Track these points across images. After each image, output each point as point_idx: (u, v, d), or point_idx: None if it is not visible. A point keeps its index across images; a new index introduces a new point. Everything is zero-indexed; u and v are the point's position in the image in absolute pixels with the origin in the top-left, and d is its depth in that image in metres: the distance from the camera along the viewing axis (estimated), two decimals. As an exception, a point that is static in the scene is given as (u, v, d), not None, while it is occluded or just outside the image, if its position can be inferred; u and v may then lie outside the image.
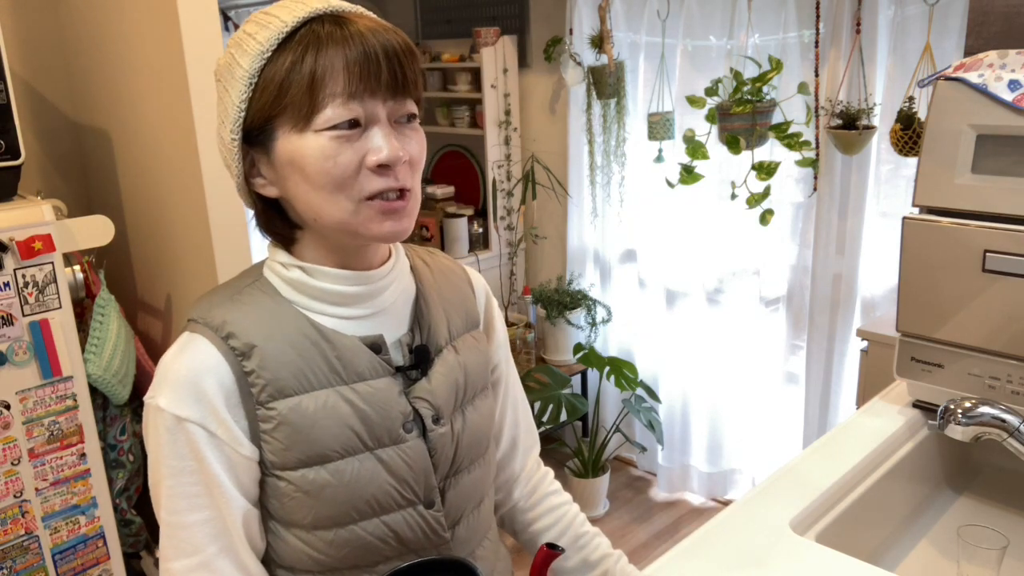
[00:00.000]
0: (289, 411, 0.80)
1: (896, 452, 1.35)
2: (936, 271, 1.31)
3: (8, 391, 1.71)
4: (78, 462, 1.83)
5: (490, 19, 3.23)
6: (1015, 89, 1.22)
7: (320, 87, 0.75)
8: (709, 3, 2.57)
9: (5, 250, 1.67)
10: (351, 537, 0.84)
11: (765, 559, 1.07)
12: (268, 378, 0.80)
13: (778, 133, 2.41)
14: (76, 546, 1.86)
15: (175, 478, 0.80)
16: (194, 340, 0.82)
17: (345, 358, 0.83)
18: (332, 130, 0.76)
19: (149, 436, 0.81)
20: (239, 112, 0.79)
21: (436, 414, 0.88)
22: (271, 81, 0.77)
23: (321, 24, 0.77)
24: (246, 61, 0.78)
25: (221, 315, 0.82)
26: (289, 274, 0.85)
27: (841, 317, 2.50)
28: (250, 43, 0.78)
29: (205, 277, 2.00)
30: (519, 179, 3.26)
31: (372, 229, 0.80)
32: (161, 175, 2.06)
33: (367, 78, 0.76)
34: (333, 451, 0.82)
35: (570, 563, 1.05)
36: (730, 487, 3.00)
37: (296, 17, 0.77)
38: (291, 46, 0.77)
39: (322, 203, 0.79)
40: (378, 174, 0.78)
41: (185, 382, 0.79)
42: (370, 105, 0.77)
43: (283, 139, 0.78)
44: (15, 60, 2.21)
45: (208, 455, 0.79)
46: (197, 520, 0.80)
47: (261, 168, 0.82)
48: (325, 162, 0.76)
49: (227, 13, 4.27)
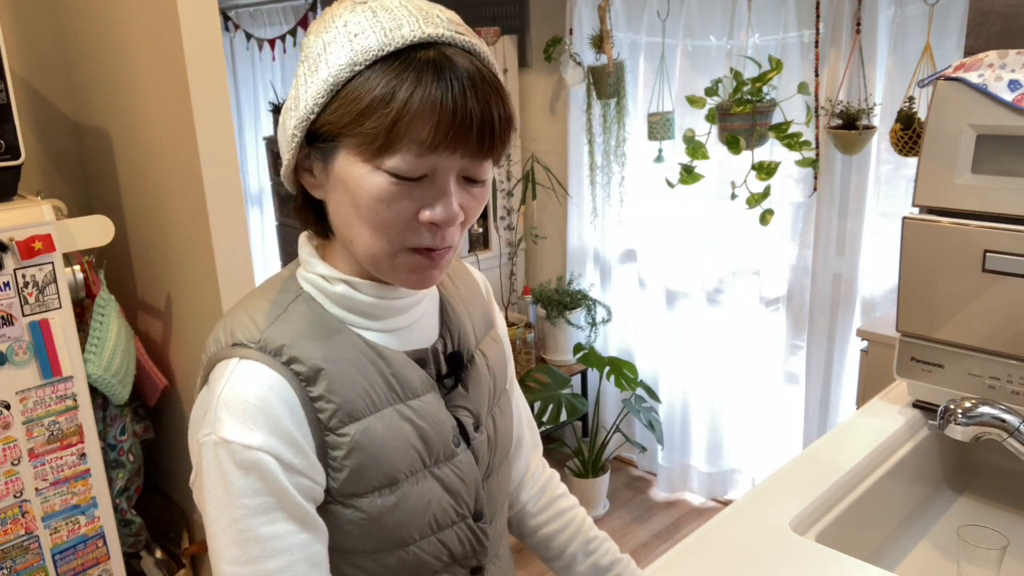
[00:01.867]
0: (361, 435, 0.76)
1: (896, 452, 1.35)
2: (936, 271, 1.31)
3: (8, 391, 1.71)
4: (78, 462, 1.83)
5: (490, 19, 3.23)
6: (1015, 89, 1.22)
7: (403, 133, 0.69)
8: (709, 3, 2.57)
9: (5, 250, 1.67)
10: (409, 557, 0.81)
11: (765, 559, 1.07)
12: (338, 402, 0.75)
13: (778, 133, 2.41)
14: (76, 546, 1.86)
15: (250, 519, 0.72)
16: (249, 365, 0.74)
17: (400, 375, 0.80)
18: (397, 177, 0.71)
19: (213, 475, 0.73)
20: (310, 113, 0.72)
21: (476, 421, 0.87)
22: (352, 101, 0.70)
23: (427, 60, 0.69)
24: (335, 64, 0.71)
25: (276, 337, 0.76)
26: (334, 289, 0.79)
27: (841, 317, 2.50)
28: (345, 46, 0.71)
29: (205, 277, 2.00)
30: (519, 179, 3.26)
31: (401, 277, 0.77)
32: (161, 175, 2.06)
33: (455, 133, 0.69)
34: (400, 472, 0.79)
35: (580, 567, 1.04)
36: (730, 487, 3.00)
37: (403, 38, 0.69)
38: (386, 70, 0.69)
39: (362, 233, 0.74)
40: (428, 230, 0.73)
41: (251, 408, 0.72)
42: (446, 160, 0.71)
43: (345, 160, 0.72)
44: (15, 60, 2.21)
45: (287, 487, 0.73)
46: (275, 567, 0.73)
47: (314, 168, 0.76)
48: (379, 203, 0.71)
49: (227, 13, 4.27)
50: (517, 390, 1.07)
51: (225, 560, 0.73)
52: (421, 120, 0.68)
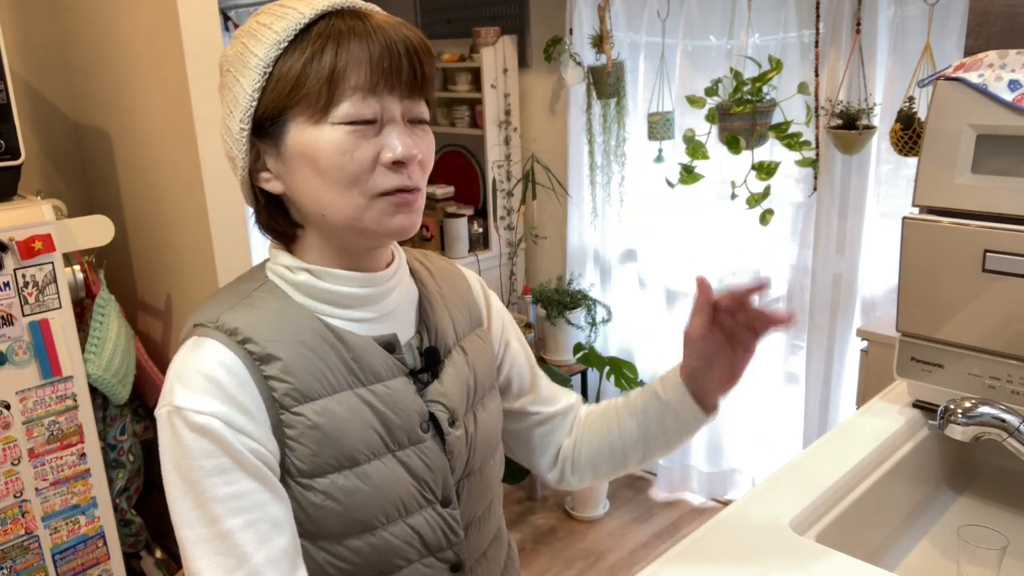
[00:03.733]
0: (316, 415, 0.78)
1: (896, 452, 1.35)
2: (936, 271, 1.31)
3: (8, 391, 1.71)
4: (78, 462, 1.83)
5: (490, 19, 3.23)
6: (1015, 89, 1.22)
7: (341, 80, 0.75)
8: (709, 3, 2.57)
9: (5, 250, 1.67)
10: (379, 543, 0.82)
11: (765, 559, 1.07)
12: (292, 382, 0.78)
13: (778, 133, 2.41)
14: (76, 546, 1.86)
15: (207, 480, 0.74)
16: (204, 343, 0.78)
17: (361, 359, 0.82)
18: (350, 124, 0.75)
19: (167, 444, 0.75)
20: (251, 101, 0.77)
21: (451, 416, 0.87)
22: (287, 72, 0.76)
23: (341, 18, 0.77)
24: (261, 50, 0.77)
25: (233, 320, 0.79)
26: (296, 277, 0.82)
27: (841, 317, 2.50)
28: (266, 33, 0.77)
29: (205, 277, 2.00)
30: (519, 179, 3.26)
31: (384, 224, 0.79)
32: (161, 175, 2.06)
33: (389, 74, 0.76)
34: (361, 454, 0.80)
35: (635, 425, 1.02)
36: (730, 487, 3.00)
37: (315, 10, 0.77)
38: (309, 38, 0.76)
39: (333, 198, 0.77)
40: (392, 171, 0.77)
41: (202, 379, 0.75)
42: (388, 102, 0.77)
43: (296, 131, 0.77)
44: (15, 60, 2.21)
45: (241, 449, 0.74)
46: (237, 524, 0.74)
47: (268, 162, 0.80)
48: (341, 156, 0.76)
49: (227, 13, 4.27)
50: (526, 347, 1.07)
51: (186, 524, 0.74)
52: (355, 67, 0.75)
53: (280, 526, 0.76)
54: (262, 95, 0.77)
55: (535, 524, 2.93)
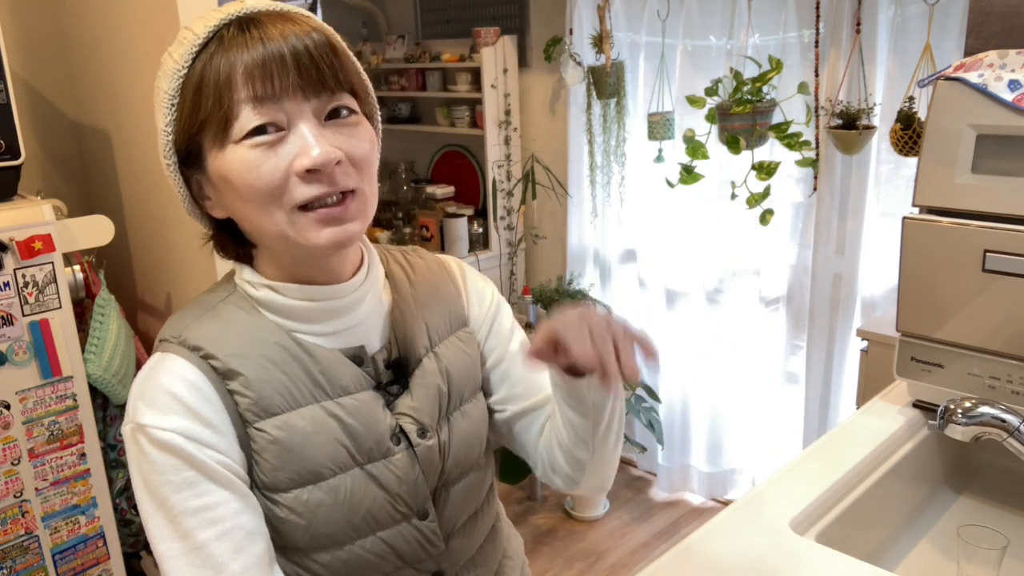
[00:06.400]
0: (277, 430, 0.77)
1: (896, 452, 1.35)
2: (936, 271, 1.31)
3: (8, 391, 1.71)
4: (78, 462, 1.83)
5: (490, 19, 3.23)
6: (1015, 89, 1.22)
7: (226, 94, 0.71)
8: (709, 3, 2.57)
9: (5, 250, 1.67)
10: (349, 557, 0.81)
11: (765, 559, 1.07)
12: (253, 397, 0.76)
13: (778, 133, 2.41)
14: (76, 546, 1.86)
15: (177, 495, 0.73)
16: (167, 358, 0.77)
17: (329, 372, 0.80)
18: (250, 138, 0.71)
19: (135, 462, 0.74)
20: (167, 136, 0.76)
21: (421, 428, 0.85)
22: (185, 100, 0.73)
23: (227, 29, 0.73)
24: (165, 82, 0.75)
25: (196, 335, 0.77)
26: (258, 293, 0.81)
27: (841, 317, 2.50)
28: (168, 63, 0.75)
29: (205, 277, 2.00)
30: (519, 179, 3.26)
31: (311, 239, 0.74)
32: (161, 175, 2.05)
33: (272, 79, 0.71)
34: (326, 468, 0.79)
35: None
36: (730, 487, 3.00)
37: (208, 27, 0.73)
38: (201, 58, 0.73)
39: (256, 217, 0.74)
40: (308, 180, 0.72)
41: (164, 395, 0.74)
42: (290, 106, 0.72)
43: (211, 156, 0.74)
44: (15, 60, 2.21)
45: (208, 462, 0.74)
46: (211, 536, 0.73)
47: (206, 189, 0.79)
48: (248, 174, 0.72)
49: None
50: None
51: (160, 539, 0.73)
52: (235, 78, 0.71)
53: (253, 534, 0.76)
54: (176, 127, 0.75)
55: (535, 524, 2.93)
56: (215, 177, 0.75)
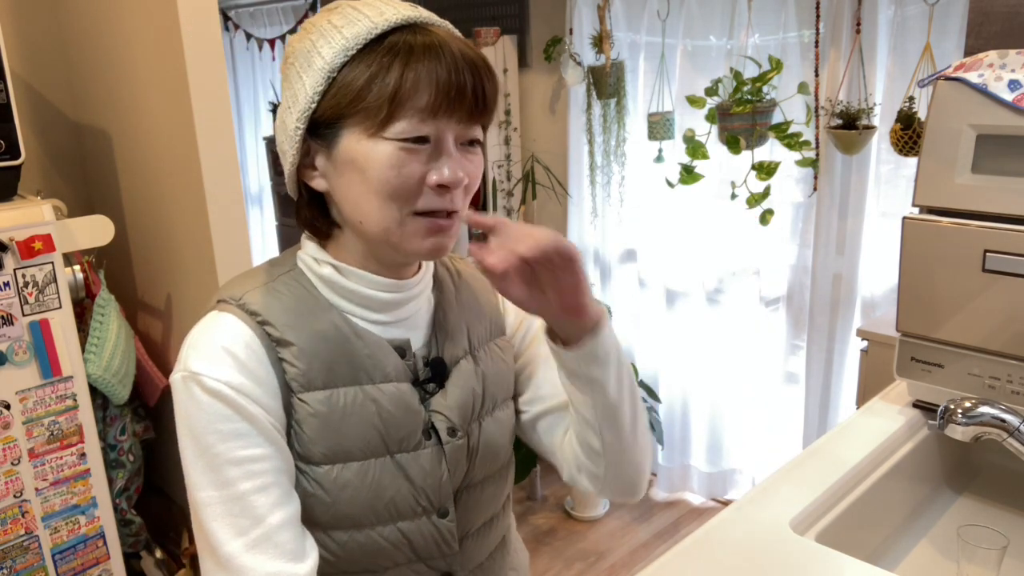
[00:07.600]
0: (319, 403, 0.79)
1: (896, 452, 1.35)
2: (936, 271, 1.31)
3: (8, 391, 1.71)
4: (78, 462, 1.83)
5: (490, 19, 3.23)
6: (1015, 89, 1.22)
7: (404, 101, 0.74)
8: (709, 3, 2.57)
9: (5, 250, 1.67)
10: (366, 541, 0.83)
11: (765, 559, 1.07)
12: (302, 368, 0.79)
13: (778, 133, 2.40)
14: (76, 546, 1.86)
15: (223, 443, 0.75)
16: (224, 317, 0.79)
17: (375, 357, 0.83)
18: (403, 141, 0.75)
19: (182, 408, 0.77)
20: (311, 103, 0.77)
21: (452, 427, 0.87)
22: (350, 83, 0.75)
23: (413, 34, 0.76)
24: (329, 53, 0.76)
25: (256, 302, 0.81)
26: (320, 270, 0.84)
27: (841, 317, 2.50)
28: (335, 36, 0.76)
29: (205, 277, 2.00)
30: (519, 179, 3.26)
31: (414, 244, 0.79)
32: (161, 175, 2.06)
33: (452, 99, 0.75)
34: (357, 449, 0.81)
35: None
36: (730, 487, 3.00)
37: (387, 21, 0.76)
38: (377, 51, 0.75)
39: (372, 208, 0.77)
40: (436, 193, 0.77)
41: (219, 349, 0.77)
42: (444, 125, 0.76)
43: (350, 138, 0.77)
44: (15, 60, 2.21)
45: (259, 416, 0.76)
46: (252, 488, 0.75)
47: (316, 160, 0.80)
48: (389, 170, 0.76)
49: (227, 13, 4.27)
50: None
51: (199, 487, 0.75)
52: (419, 89, 0.74)
53: (291, 494, 0.79)
54: (322, 98, 0.77)
55: (535, 524, 2.93)
56: (344, 157, 0.77)
